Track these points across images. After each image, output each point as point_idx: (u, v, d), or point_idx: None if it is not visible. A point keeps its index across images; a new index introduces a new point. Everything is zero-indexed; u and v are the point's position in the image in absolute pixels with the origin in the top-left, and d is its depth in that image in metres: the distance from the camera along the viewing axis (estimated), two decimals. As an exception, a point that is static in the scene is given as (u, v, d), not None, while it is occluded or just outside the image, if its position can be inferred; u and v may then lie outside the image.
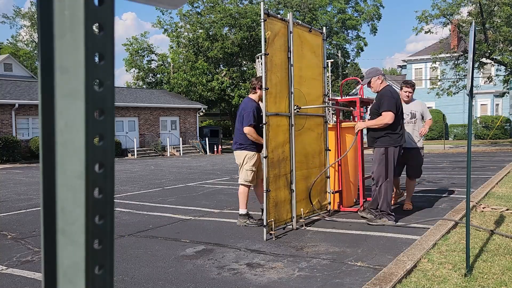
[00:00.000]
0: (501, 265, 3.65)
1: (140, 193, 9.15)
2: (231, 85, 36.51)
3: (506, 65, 20.80)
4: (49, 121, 0.46)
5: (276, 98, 5.10)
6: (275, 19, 5.11)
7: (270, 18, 4.97)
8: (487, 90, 31.16)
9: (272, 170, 4.97)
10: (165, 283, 3.59)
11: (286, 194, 5.27)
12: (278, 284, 3.47)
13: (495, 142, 27.82)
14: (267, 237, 4.85)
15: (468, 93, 3.55)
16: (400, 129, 5.34)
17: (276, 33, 5.08)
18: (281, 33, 5.20)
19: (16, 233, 5.59)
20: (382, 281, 3.27)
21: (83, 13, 0.44)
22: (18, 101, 22.32)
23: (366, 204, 6.01)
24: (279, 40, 5.15)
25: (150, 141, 28.25)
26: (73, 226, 0.46)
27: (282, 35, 5.21)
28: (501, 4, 18.64)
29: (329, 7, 43.77)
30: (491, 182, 8.53)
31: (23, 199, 8.67)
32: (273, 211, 4.98)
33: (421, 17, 21.07)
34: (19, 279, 3.78)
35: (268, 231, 4.87)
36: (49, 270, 0.47)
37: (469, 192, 3.63)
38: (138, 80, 40.78)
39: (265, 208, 4.83)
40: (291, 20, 5.30)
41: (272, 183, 4.96)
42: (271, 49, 4.99)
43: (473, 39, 3.46)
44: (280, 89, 5.17)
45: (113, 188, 0.49)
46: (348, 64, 48.39)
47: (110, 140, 0.48)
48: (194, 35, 36.39)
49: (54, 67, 0.45)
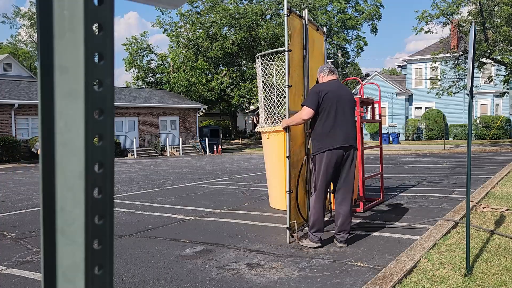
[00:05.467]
0: (501, 265, 3.65)
1: (140, 193, 9.15)
2: (231, 85, 36.50)
3: (506, 65, 20.80)
4: (48, 121, 0.46)
5: (295, 96, 5.02)
6: (295, 16, 5.00)
7: (292, 14, 4.85)
8: (487, 90, 31.17)
9: (293, 170, 4.86)
10: (165, 283, 3.58)
11: (302, 195, 5.20)
12: (278, 284, 3.47)
13: (495, 142, 27.82)
14: (290, 240, 4.68)
15: (468, 93, 3.55)
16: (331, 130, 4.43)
17: (295, 30, 4.97)
18: (298, 29, 5.11)
19: (15, 233, 5.59)
20: (382, 281, 3.26)
21: (82, 13, 0.44)
22: (17, 101, 22.31)
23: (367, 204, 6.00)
24: (297, 37, 5.07)
25: (149, 141, 28.25)
26: (73, 226, 0.46)
27: (299, 32, 5.12)
28: (501, 4, 18.64)
29: (329, 7, 43.78)
30: (491, 182, 8.53)
31: (22, 199, 8.67)
32: (294, 213, 4.87)
33: (421, 17, 21.08)
34: (18, 279, 3.77)
35: (291, 234, 4.71)
36: (49, 270, 0.47)
37: (469, 192, 3.63)
38: (137, 80, 40.77)
39: (288, 210, 4.66)
40: (306, 17, 5.22)
41: (293, 184, 4.86)
42: (292, 45, 4.84)
43: (473, 39, 3.46)
44: (298, 87, 5.10)
45: (112, 188, 0.49)
46: (348, 64, 48.38)
47: (110, 140, 0.48)
48: (194, 35, 36.38)
49: (54, 67, 0.45)
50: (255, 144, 35.93)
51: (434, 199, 7.22)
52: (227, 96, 36.99)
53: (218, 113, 46.49)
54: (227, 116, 45.27)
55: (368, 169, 6.67)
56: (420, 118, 33.52)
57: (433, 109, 33.09)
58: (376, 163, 8.58)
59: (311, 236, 4.50)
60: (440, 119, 29.93)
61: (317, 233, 4.48)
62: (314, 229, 4.49)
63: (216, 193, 8.84)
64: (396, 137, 30.79)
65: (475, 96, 31.37)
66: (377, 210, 6.40)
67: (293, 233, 4.74)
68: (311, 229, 4.52)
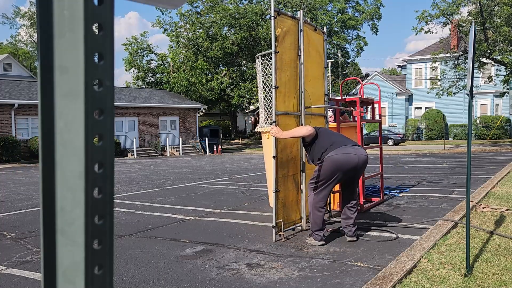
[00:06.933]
0: (501, 265, 3.65)
1: (140, 193, 9.15)
2: (231, 85, 36.51)
3: (506, 65, 20.81)
4: (48, 121, 0.46)
5: (285, 96, 5.05)
6: (286, 17, 5.04)
7: (280, 16, 4.90)
8: (487, 90, 31.18)
9: (281, 170, 4.92)
10: (165, 283, 3.58)
11: (294, 195, 5.23)
12: (278, 284, 3.47)
13: (495, 142, 27.83)
14: (276, 238, 4.77)
15: (468, 93, 3.55)
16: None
17: (286, 31, 5.01)
18: (291, 30, 5.14)
19: (15, 233, 5.59)
20: (382, 281, 3.26)
21: (82, 12, 0.44)
22: (17, 101, 22.32)
23: (367, 204, 6.01)
24: (289, 38, 5.09)
25: (149, 141, 28.25)
26: (73, 226, 0.46)
27: (292, 33, 5.15)
28: (501, 4, 18.64)
29: (329, 7, 43.78)
30: (491, 182, 8.53)
31: (22, 199, 8.67)
32: (281, 212, 4.91)
33: (421, 17, 21.10)
34: (18, 279, 3.77)
35: (277, 232, 4.79)
36: (49, 270, 0.47)
37: (469, 192, 3.63)
38: (137, 80, 40.78)
39: (274, 209, 4.75)
40: (301, 18, 5.24)
41: (280, 183, 4.91)
42: (281, 47, 4.92)
43: (473, 39, 3.46)
44: (289, 88, 5.12)
45: (112, 188, 0.49)
46: (348, 64, 48.40)
47: (110, 140, 0.48)
48: (194, 35, 36.39)
49: (54, 67, 0.45)
50: (255, 144, 35.94)
51: (434, 199, 7.22)
52: (227, 96, 36.99)
53: (218, 113, 46.50)
54: (227, 116, 45.27)
55: (368, 169, 6.68)
56: (420, 118, 33.55)
57: (433, 109, 33.11)
58: (376, 163, 8.59)
59: (314, 235, 4.60)
60: (440, 119, 29.95)
61: (320, 232, 4.59)
62: (316, 228, 4.61)
63: (216, 193, 8.84)
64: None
65: (475, 96, 31.39)
66: (377, 210, 6.40)
67: (279, 232, 4.81)
68: (313, 228, 4.62)
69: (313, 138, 4.66)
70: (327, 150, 4.51)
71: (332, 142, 4.56)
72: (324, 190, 4.54)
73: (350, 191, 4.75)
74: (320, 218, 4.55)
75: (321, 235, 4.57)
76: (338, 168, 4.44)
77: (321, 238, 4.57)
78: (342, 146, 4.52)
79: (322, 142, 4.60)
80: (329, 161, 4.45)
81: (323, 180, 4.52)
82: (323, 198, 4.55)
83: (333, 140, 4.59)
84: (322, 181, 4.52)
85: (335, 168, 4.44)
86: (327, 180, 4.50)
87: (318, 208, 4.56)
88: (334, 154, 4.44)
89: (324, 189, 4.54)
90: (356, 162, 4.47)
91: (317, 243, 4.57)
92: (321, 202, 4.56)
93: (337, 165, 4.43)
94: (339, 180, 4.58)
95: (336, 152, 4.46)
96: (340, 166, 4.43)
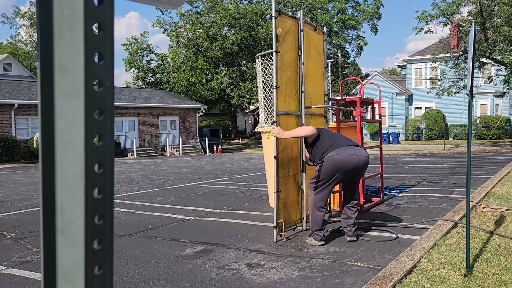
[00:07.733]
0: (501, 265, 3.65)
1: (140, 193, 9.15)
2: (231, 85, 36.50)
3: (506, 65, 20.80)
4: (48, 121, 0.46)
5: (286, 97, 5.05)
6: (286, 17, 5.04)
7: (281, 16, 4.90)
8: (487, 90, 31.16)
9: (281, 170, 4.92)
10: (165, 283, 3.58)
11: (295, 195, 5.23)
12: (278, 284, 3.47)
13: (495, 142, 27.82)
14: (277, 238, 4.77)
15: (468, 93, 3.55)
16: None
17: (287, 31, 5.01)
18: (292, 31, 5.15)
19: (15, 233, 5.59)
20: (382, 281, 3.26)
21: (82, 12, 0.44)
22: (17, 101, 22.31)
23: (367, 204, 6.01)
24: (289, 38, 5.10)
25: (149, 141, 28.24)
26: (73, 226, 0.46)
27: (292, 33, 5.16)
28: (501, 4, 18.64)
29: (329, 7, 43.77)
30: (491, 182, 8.53)
31: (22, 199, 8.67)
32: (282, 212, 4.91)
33: (421, 17, 21.09)
34: (18, 279, 3.77)
35: (278, 232, 4.79)
36: (49, 270, 0.47)
37: (469, 192, 3.63)
38: (137, 80, 40.78)
39: (275, 209, 4.75)
40: (301, 17, 5.24)
41: (281, 184, 4.91)
42: (282, 47, 4.92)
43: (473, 39, 3.46)
44: (289, 88, 5.13)
45: (112, 188, 0.49)
46: (348, 64, 48.38)
47: (110, 140, 0.48)
48: (194, 35, 36.37)
49: (54, 67, 0.45)
50: (255, 144, 35.93)
51: (434, 199, 7.22)
52: (227, 96, 36.98)
53: (218, 113, 46.48)
54: (227, 116, 45.26)
55: (368, 169, 6.67)
56: (420, 118, 33.53)
57: (433, 109, 33.10)
58: (376, 163, 8.59)
59: (314, 235, 4.60)
60: (440, 119, 29.94)
61: (320, 232, 4.60)
62: (316, 227, 4.61)
63: (216, 193, 8.84)
64: (396, 137, 30.79)
65: (475, 96, 31.38)
66: (377, 210, 6.40)
67: (281, 232, 4.81)
68: (313, 228, 4.62)
69: (315, 139, 4.67)
70: (328, 150, 4.51)
71: (333, 142, 4.57)
72: (324, 190, 4.55)
73: (351, 191, 4.76)
74: (320, 218, 4.56)
75: (321, 235, 4.58)
76: (338, 168, 4.45)
77: (321, 238, 4.58)
78: (342, 146, 4.53)
79: (323, 142, 4.62)
80: (329, 161, 4.46)
81: (323, 180, 4.52)
82: (323, 198, 4.56)
83: (334, 141, 4.60)
84: (322, 181, 4.53)
85: (335, 168, 4.45)
86: (327, 180, 4.51)
87: (318, 208, 4.56)
88: (335, 154, 4.45)
89: (324, 189, 4.55)
90: (357, 163, 4.47)
91: (317, 243, 4.57)
92: (321, 202, 4.56)
93: (337, 165, 4.44)
94: (339, 180, 4.58)
95: (336, 152, 4.46)
96: (340, 166, 4.44)
